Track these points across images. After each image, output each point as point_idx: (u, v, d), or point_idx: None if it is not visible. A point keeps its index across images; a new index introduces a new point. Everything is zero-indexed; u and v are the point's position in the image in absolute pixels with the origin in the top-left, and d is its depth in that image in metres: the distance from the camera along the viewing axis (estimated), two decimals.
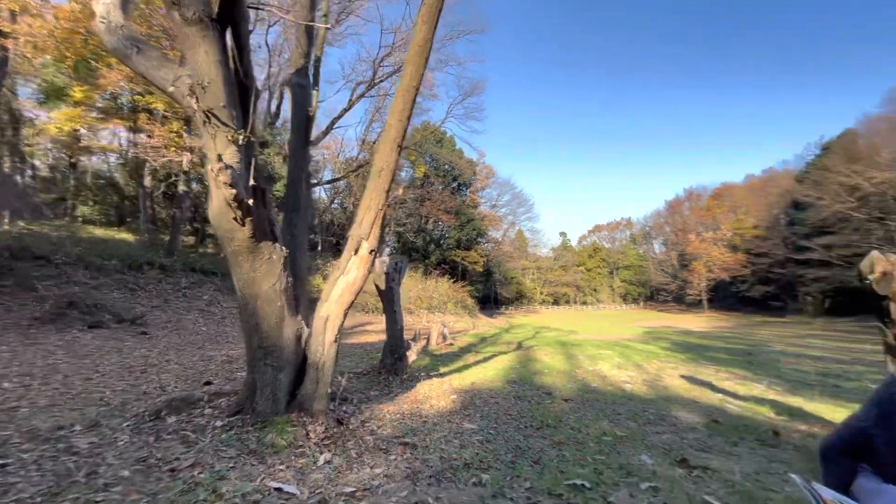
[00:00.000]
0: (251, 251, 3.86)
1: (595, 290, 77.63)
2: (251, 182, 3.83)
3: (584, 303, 75.08)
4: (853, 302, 32.96)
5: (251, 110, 4.06)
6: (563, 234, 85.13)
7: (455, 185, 45.33)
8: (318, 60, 7.21)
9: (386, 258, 7.76)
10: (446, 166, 41.97)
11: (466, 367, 9.03)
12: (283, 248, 4.14)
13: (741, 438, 4.74)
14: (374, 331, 14.33)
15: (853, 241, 31.68)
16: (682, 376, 8.83)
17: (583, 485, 3.35)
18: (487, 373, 8.43)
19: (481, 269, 45.68)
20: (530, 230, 68.69)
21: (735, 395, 6.87)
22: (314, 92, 6.70)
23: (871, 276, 4.41)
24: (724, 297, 57.23)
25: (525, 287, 68.02)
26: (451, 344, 12.84)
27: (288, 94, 14.74)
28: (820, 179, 35.58)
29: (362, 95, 23.31)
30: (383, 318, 8.48)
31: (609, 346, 14.43)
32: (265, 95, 21.72)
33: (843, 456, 0.92)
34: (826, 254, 35.42)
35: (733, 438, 4.73)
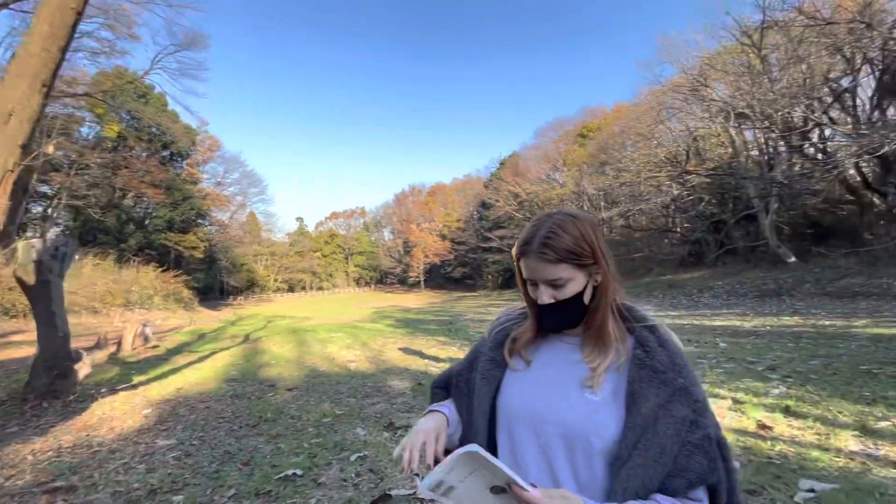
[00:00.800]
0: None
1: (331, 275, 79.32)
2: None
3: (321, 288, 75.75)
4: (512, 277, 45.25)
5: None
6: (299, 219, 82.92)
7: (166, 154, 37.29)
8: None
9: (37, 241, 5.59)
10: (153, 129, 33.89)
11: (174, 370, 7.66)
12: None
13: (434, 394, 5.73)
14: (27, 341, 10.34)
15: (515, 234, 43.42)
16: (400, 349, 9.94)
17: (294, 473, 3.29)
18: (201, 374, 7.38)
19: (202, 256, 39.28)
20: (264, 213, 64.13)
21: (437, 359, 8.22)
22: None
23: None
24: (435, 277, 68.64)
25: (257, 274, 63.16)
26: (156, 346, 10.61)
27: None
28: (497, 186, 47.01)
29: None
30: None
31: (340, 329, 14.97)
32: None
33: (440, 388, 1.22)
34: (501, 243, 47.31)
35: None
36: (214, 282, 47.88)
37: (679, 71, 22.05)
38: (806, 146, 17.60)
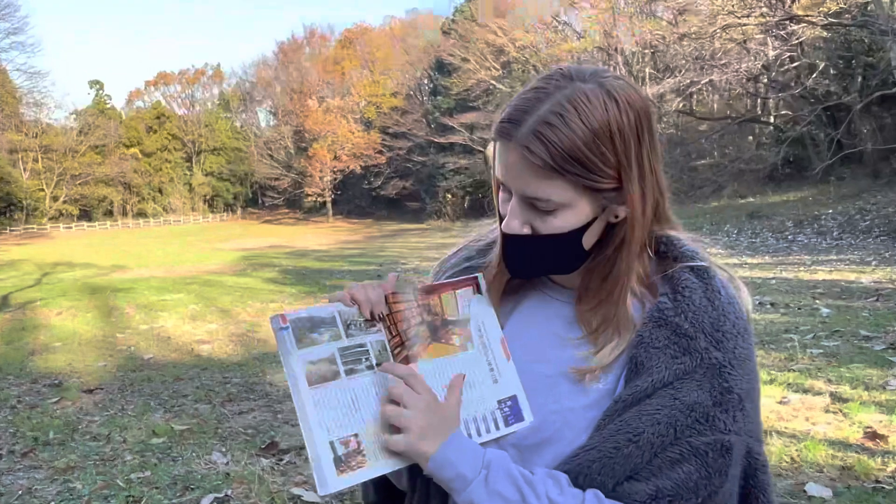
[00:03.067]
0: None
1: (161, 190, 77.04)
2: None
3: (142, 214, 73.77)
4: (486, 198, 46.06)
5: None
6: (96, 84, 78.39)
7: None
8: None
9: None
10: None
11: None
12: None
13: None
14: None
15: (495, 120, 43.48)
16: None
17: None
18: None
19: None
20: (26, 71, 59.90)
21: None
22: None
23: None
24: (352, 197, 68.38)
25: (19, 187, 60.37)
26: None
27: None
28: (465, 34, 46.09)
29: None
30: None
31: (180, 287, 14.85)
32: None
33: None
34: (468, 136, 47.23)
35: None
36: None
37: None
38: None
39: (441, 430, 0.97)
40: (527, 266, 1.07)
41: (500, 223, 1.08)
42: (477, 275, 1.10)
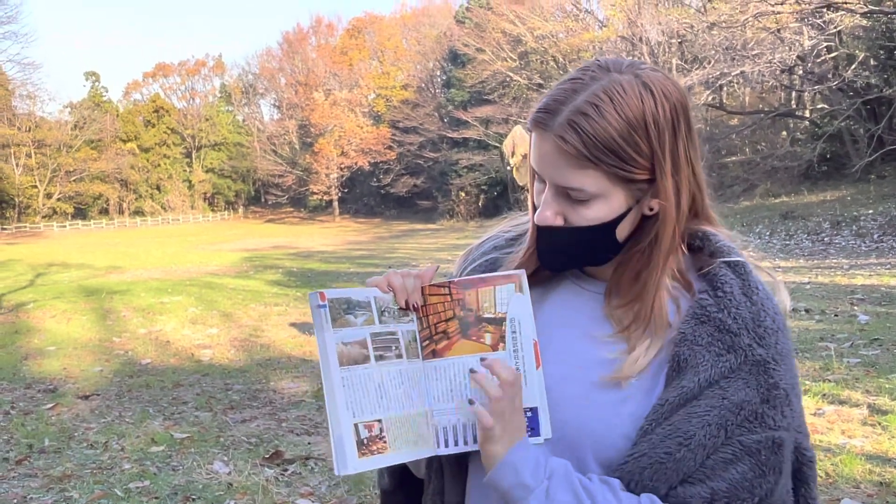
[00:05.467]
0: None
1: (159, 187, 77.46)
2: None
3: (139, 213, 74.18)
4: (501, 197, 45.94)
5: None
6: (92, 75, 79.02)
7: None
8: None
9: None
10: None
11: None
12: None
13: None
14: None
15: (512, 114, 43.41)
16: (294, 324, 10.15)
17: None
18: None
19: None
20: (20, 62, 60.41)
21: None
22: None
23: (512, 161, 6.12)
24: (360, 195, 68.47)
25: (10, 184, 60.91)
26: None
27: None
28: (481, 22, 46.08)
29: None
30: None
31: (179, 289, 14.93)
32: None
33: None
34: (483, 131, 47.21)
35: None
36: None
37: None
38: None
39: (516, 425, 1.02)
40: (559, 258, 1.12)
41: (534, 214, 1.13)
42: (520, 271, 1.11)
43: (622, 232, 1.06)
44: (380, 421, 1.02)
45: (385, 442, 1.02)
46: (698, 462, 0.99)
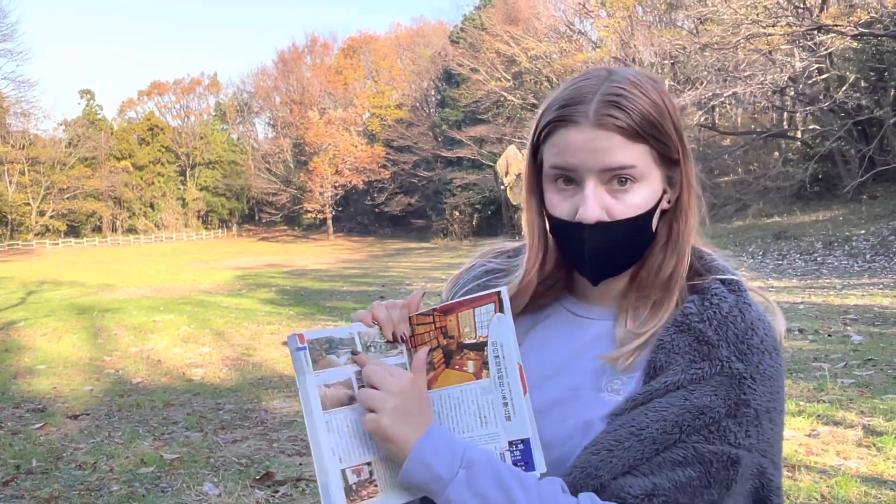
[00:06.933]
0: None
1: (153, 205, 77.38)
2: None
3: (132, 231, 74.02)
4: (495, 215, 46.01)
5: None
6: (87, 93, 79.16)
7: None
8: None
9: None
10: None
11: None
12: None
13: None
14: None
15: (506, 134, 43.61)
16: (286, 343, 10.11)
17: None
18: None
19: None
20: (14, 80, 60.44)
21: None
22: None
23: (505, 180, 6.13)
24: (354, 214, 68.54)
25: (3, 201, 60.77)
26: None
27: None
28: (477, 44, 46.42)
29: None
30: None
31: (171, 308, 14.89)
32: None
33: None
34: (477, 150, 47.41)
35: None
36: None
37: None
38: None
39: (416, 414, 0.98)
40: (606, 264, 1.08)
41: (536, 225, 1.14)
42: (499, 289, 1.04)
43: (655, 223, 1.08)
44: (369, 464, 0.98)
45: (375, 486, 0.98)
46: (647, 456, 0.97)
